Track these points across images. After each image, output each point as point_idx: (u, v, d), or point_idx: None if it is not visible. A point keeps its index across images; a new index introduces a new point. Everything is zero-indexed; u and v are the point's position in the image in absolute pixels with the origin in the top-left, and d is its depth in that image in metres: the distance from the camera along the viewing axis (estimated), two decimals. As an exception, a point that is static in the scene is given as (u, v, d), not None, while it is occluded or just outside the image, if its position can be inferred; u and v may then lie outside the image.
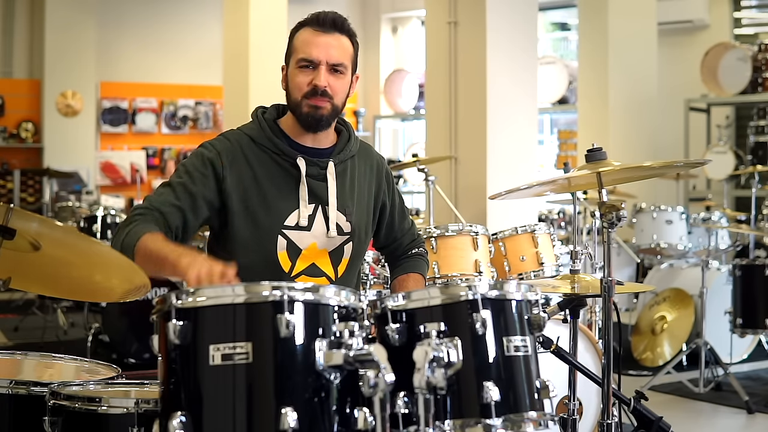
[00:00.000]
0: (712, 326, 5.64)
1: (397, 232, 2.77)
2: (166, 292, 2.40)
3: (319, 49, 2.46)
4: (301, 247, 2.51)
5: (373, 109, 12.35)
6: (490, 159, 5.52)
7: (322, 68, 2.45)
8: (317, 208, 2.52)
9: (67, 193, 10.38)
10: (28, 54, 11.10)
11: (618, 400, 2.64)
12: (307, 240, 2.51)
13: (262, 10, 8.14)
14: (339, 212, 2.54)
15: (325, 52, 2.46)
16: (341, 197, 2.55)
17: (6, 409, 2.26)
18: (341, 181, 2.56)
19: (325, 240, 2.53)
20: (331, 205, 2.52)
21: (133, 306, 4.71)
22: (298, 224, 2.49)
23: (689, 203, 8.62)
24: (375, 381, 1.71)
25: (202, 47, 11.50)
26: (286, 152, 2.50)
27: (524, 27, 5.71)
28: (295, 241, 2.50)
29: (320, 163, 2.52)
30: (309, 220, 2.51)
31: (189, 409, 1.78)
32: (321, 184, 2.52)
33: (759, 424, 4.89)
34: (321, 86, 2.44)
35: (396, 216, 2.75)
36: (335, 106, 2.49)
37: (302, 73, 2.47)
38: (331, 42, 2.47)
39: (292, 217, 2.49)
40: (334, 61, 2.46)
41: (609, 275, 2.44)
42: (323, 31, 2.48)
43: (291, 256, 2.50)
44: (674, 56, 9.79)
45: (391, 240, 2.77)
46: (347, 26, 2.53)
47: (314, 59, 2.45)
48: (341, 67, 2.48)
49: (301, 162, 2.49)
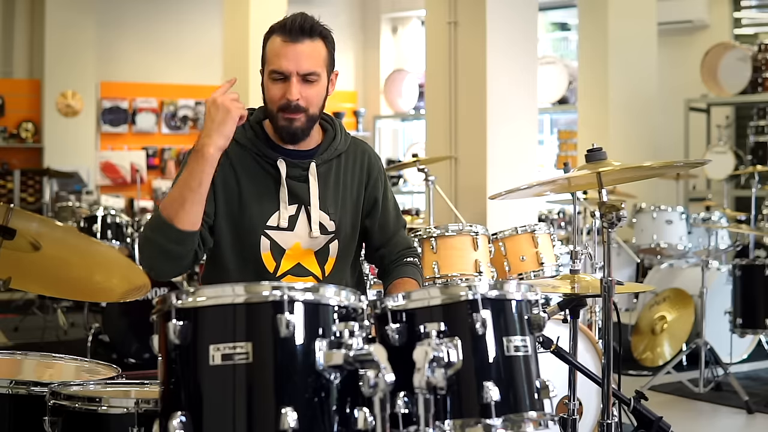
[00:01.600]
0: (712, 326, 5.64)
1: (391, 233, 2.72)
2: (166, 292, 2.40)
3: (289, 61, 2.44)
4: (284, 248, 2.52)
5: (373, 109, 12.35)
6: (490, 159, 5.52)
7: (293, 80, 2.44)
8: (300, 209, 2.53)
9: (67, 193, 10.38)
10: (28, 54, 11.10)
11: (618, 400, 2.64)
12: (290, 240, 2.53)
13: (262, 10, 8.14)
14: (322, 212, 2.55)
15: (294, 64, 2.44)
16: (324, 197, 2.56)
17: (6, 409, 2.26)
18: (325, 181, 2.57)
19: (308, 240, 2.54)
20: (313, 206, 2.53)
21: (133, 306, 4.72)
22: (279, 225, 2.51)
23: (689, 203, 8.61)
24: (375, 381, 1.71)
25: (202, 47, 11.49)
26: (268, 154, 2.53)
27: (524, 27, 5.71)
28: (278, 241, 2.52)
29: (302, 164, 2.54)
30: (291, 221, 2.52)
31: (189, 409, 1.78)
32: (302, 185, 2.53)
33: (759, 424, 4.90)
34: (293, 100, 2.45)
35: (389, 215, 2.72)
36: (310, 116, 2.50)
37: (275, 86, 2.47)
38: (301, 51, 2.44)
39: (274, 218, 2.51)
40: (304, 71, 2.45)
41: (609, 275, 2.44)
42: (292, 40, 2.44)
43: (275, 256, 2.52)
44: (674, 56, 9.79)
45: (385, 240, 2.71)
46: (318, 28, 2.49)
47: (284, 71, 2.45)
48: (313, 75, 2.46)
49: (281, 164, 2.51)
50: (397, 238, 2.74)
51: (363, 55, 12.51)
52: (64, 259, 2.37)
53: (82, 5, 10.82)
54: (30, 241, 2.29)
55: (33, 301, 7.86)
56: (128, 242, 6.30)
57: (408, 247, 2.76)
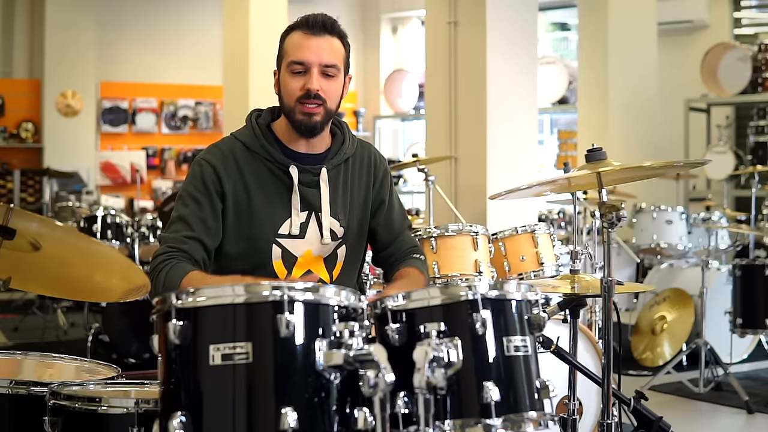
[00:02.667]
0: (712, 326, 5.63)
1: (397, 232, 2.71)
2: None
3: (311, 52, 2.45)
4: (296, 255, 2.51)
5: (373, 109, 12.35)
6: (490, 159, 5.52)
7: (314, 71, 2.45)
8: (310, 216, 2.52)
9: (67, 193, 10.38)
10: (28, 54, 11.10)
11: (618, 400, 2.64)
12: (302, 248, 2.51)
13: (262, 10, 8.14)
14: (332, 218, 2.53)
15: (316, 55, 2.45)
16: (334, 203, 2.55)
17: (6, 409, 2.26)
18: (334, 186, 2.56)
19: (319, 246, 2.53)
20: (324, 212, 2.52)
21: (133, 306, 4.73)
22: (290, 233, 2.49)
23: (689, 203, 8.61)
24: (375, 381, 1.71)
25: (202, 47, 11.50)
26: (279, 160, 2.50)
27: (524, 27, 5.71)
28: (290, 249, 2.50)
29: (313, 170, 2.52)
30: (302, 228, 2.51)
31: (189, 409, 1.78)
32: (314, 192, 2.52)
33: (759, 424, 4.89)
34: (314, 89, 2.44)
35: (395, 214, 2.71)
36: (328, 110, 2.49)
37: (294, 78, 2.47)
38: (322, 44, 2.46)
39: (285, 226, 2.49)
40: (325, 62, 2.46)
41: (609, 275, 2.44)
42: (314, 33, 2.47)
43: (287, 264, 2.51)
44: (674, 56, 9.79)
45: (391, 240, 2.70)
46: (338, 28, 2.51)
47: (306, 62, 2.45)
48: (333, 69, 2.47)
49: (293, 170, 2.50)
50: (403, 237, 2.73)
51: (363, 55, 12.51)
52: (64, 259, 2.37)
53: (82, 5, 10.82)
54: (30, 241, 2.29)
55: (33, 301, 7.86)
56: (128, 242, 6.30)
57: (413, 246, 2.75)
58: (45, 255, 2.33)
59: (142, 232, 6.33)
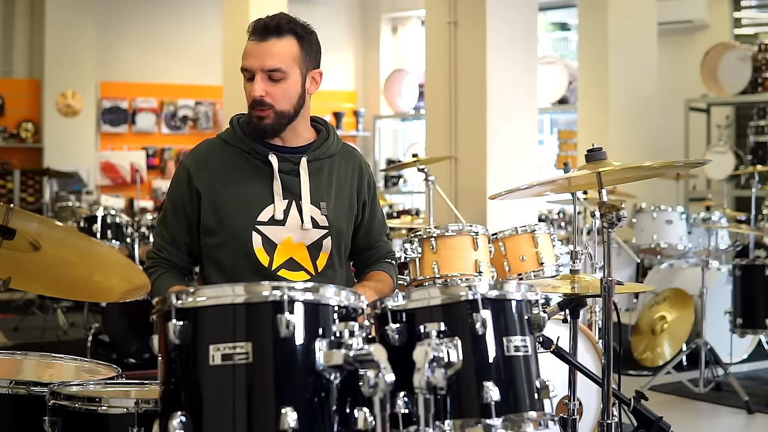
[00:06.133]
0: (712, 326, 5.63)
1: (374, 240, 2.77)
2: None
3: (254, 58, 2.52)
4: (276, 242, 2.55)
5: (373, 109, 12.35)
6: (490, 159, 5.51)
7: (257, 77, 2.51)
8: (291, 203, 2.56)
9: (67, 193, 10.38)
10: (28, 54, 11.10)
11: (618, 400, 2.63)
12: (281, 234, 2.56)
13: (262, 10, 8.06)
14: (313, 206, 2.58)
15: (258, 61, 2.51)
16: (316, 192, 2.59)
17: (6, 409, 2.26)
18: (317, 177, 2.60)
19: (300, 233, 2.57)
20: (304, 199, 2.56)
21: (133, 306, 4.72)
22: (274, 218, 2.54)
23: (689, 203, 8.61)
24: (375, 381, 1.71)
25: (202, 47, 11.49)
26: (258, 150, 2.58)
27: (524, 27, 5.71)
28: (269, 236, 2.55)
29: (293, 158, 2.58)
30: (284, 215, 2.56)
31: (189, 409, 1.78)
32: (294, 179, 2.57)
33: (759, 424, 4.89)
34: (255, 96, 2.51)
35: (375, 221, 2.77)
36: (279, 112, 2.54)
37: (247, 84, 2.56)
38: (266, 49, 2.51)
39: (265, 213, 2.55)
40: (268, 67, 2.51)
41: (609, 275, 2.44)
42: (258, 39, 2.53)
43: (268, 250, 2.55)
44: (674, 56, 9.79)
45: (367, 246, 2.76)
46: (288, 26, 2.53)
47: (250, 68, 2.53)
48: (277, 72, 2.51)
49: (273, 158, 2.56)
50: (380, 244, 2.80)
51: (363, 55, 12.50)
52: (64, 259, 2.37)
53: (82, 5, 10.82)
54: (30, 241, 2.29)
55: (33, 301, 7.86)
56: (128, 242, 6.29)
57: (389, 251, 2.82)
58: (45, 255, 2.32)
59: (142, 232, 6.32)
